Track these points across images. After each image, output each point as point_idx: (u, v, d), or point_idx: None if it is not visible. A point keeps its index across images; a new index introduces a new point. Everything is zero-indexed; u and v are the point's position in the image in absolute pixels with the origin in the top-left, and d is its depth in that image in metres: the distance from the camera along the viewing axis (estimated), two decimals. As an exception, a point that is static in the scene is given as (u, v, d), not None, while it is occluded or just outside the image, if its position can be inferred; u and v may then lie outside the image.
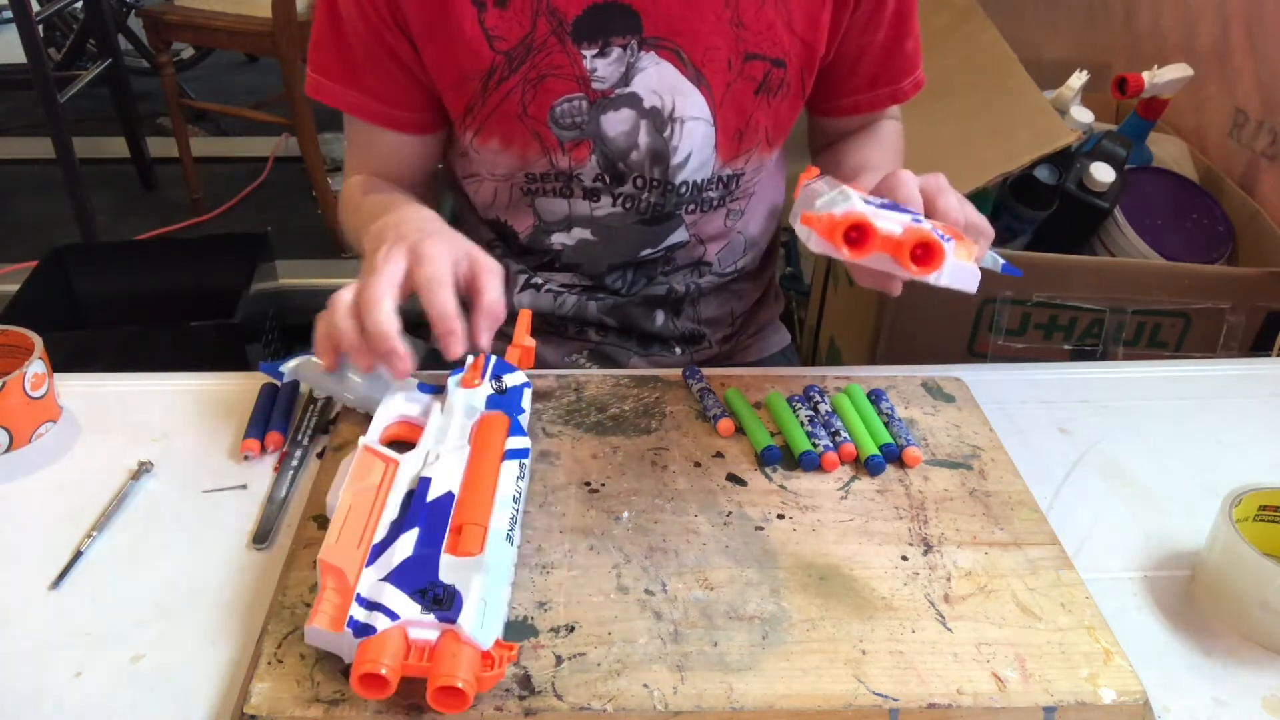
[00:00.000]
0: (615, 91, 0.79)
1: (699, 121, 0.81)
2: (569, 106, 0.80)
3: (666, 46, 0.78)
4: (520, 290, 0.93)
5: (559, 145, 0.81)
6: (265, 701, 0.50)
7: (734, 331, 1.00)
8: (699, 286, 0.94)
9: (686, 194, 0.85)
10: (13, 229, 2.61)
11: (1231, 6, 1.39)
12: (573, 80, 0.79)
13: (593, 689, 0.52)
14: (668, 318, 0.95)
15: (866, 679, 0.53)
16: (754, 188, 0.90)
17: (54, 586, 0.60)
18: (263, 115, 2.66)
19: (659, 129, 0.81)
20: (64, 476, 0.69)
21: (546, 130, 0.80)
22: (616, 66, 0.78)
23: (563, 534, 0.62)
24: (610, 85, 0.79)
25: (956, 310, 1.26)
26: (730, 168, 0.85)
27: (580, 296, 0.93)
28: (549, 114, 0.80)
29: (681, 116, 0.81)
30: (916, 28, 0.86)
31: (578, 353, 0.96)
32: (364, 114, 0.83)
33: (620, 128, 0.81)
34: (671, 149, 0.82)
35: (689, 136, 0.82)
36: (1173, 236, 1.29)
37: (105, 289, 1.89)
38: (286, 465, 0.70)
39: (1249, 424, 0.79)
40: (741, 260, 0.95)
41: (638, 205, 0.85)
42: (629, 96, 0.80)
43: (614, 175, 0.84)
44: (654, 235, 0.88)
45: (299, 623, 0.55)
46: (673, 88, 0.80)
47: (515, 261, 0.93)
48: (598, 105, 0.80)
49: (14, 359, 0.73)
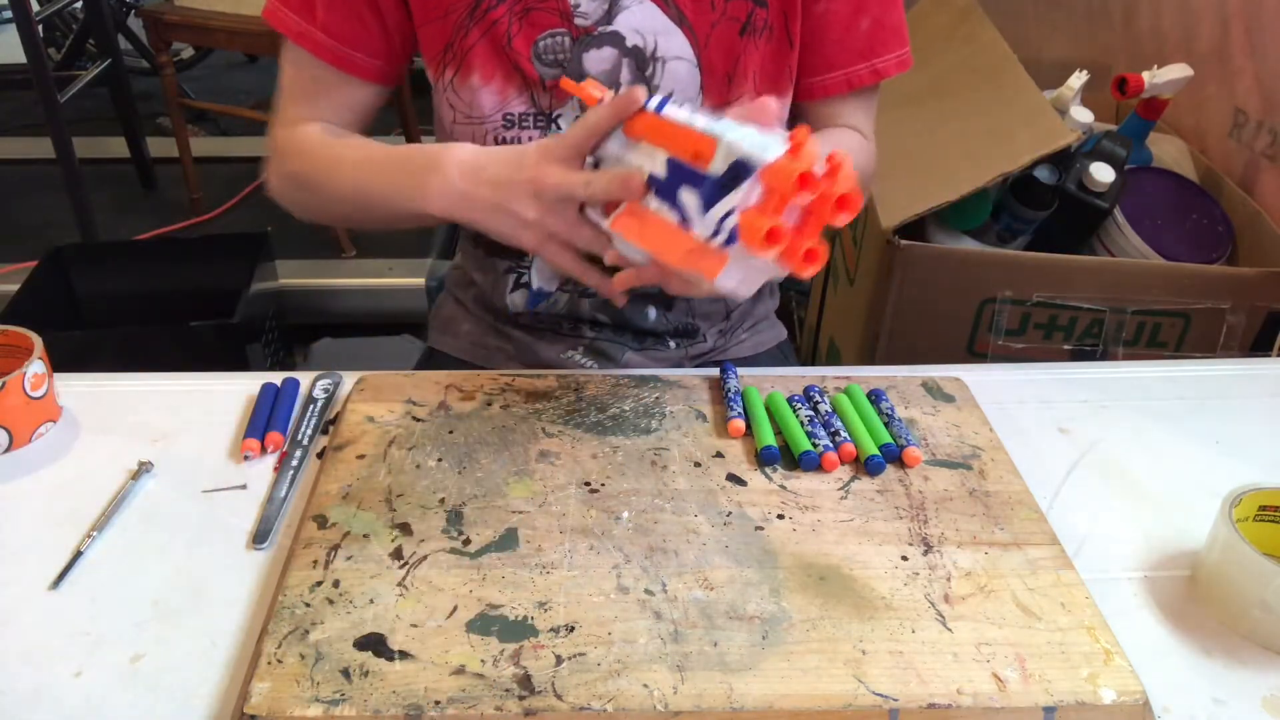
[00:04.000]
0: (598, 29, 0.80)
1: (681, 61, 0.82)
2: (552, 42, 0.81)
3: None
4: (512, 290, 0.93)
5: (540, 82, 0.82)
6: (265, 701, 0.50)
7: (729, 326, 1.00)
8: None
9: None
10: (13, 229, 2.61)
11: (1231, 6, 1.39)
12: (556, 14, 0.80)
13: (593, 689, 0.52)
14: (660, 312, 0.95)
15: (866, 679, 0.53)
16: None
17: (54, 586, 0.60)
18: (263, 115, 2.65)
19: (640, 68, 0.82)
20: (64, 476, 0.69)
21: (529, 66, 0.81)
22: (600, 4, 0.80)
23: (563, 534, 0.62)
24: (593, 22, 0.80)
25: (956, 310, 1.26)
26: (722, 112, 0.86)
27: (572, 294, 0.93)
28: (532, 48, 0.81)
29: (664, 56, 0.82)
30: (885, 9, 0.84)
31: (573, 349, 0.96)
32: (320, 51, 0.82)
33: (602, 66, 0.82)
34: (654, 89, 0.83)
35: (671, 76, 0.82)
36: (1173, 236, 1.29)
37: (105, 289, 1.89)
38: (286, 465, 0.70)
39: (1249, 424, 0.79)
40: None
41: None
42: (611, 35, 0.81)
43: None
44: None
45: (299, 623, 0.55)
46: (655, 28, 0.81)
47: (503, 258, 0.93)
48: (580, 42, 0.81)
49: (14, 359, 0.73)
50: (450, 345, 1.00)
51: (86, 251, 1.99)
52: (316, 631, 0.55)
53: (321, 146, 0.82)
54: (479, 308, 0.99)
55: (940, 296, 1.23)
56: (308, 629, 0.55)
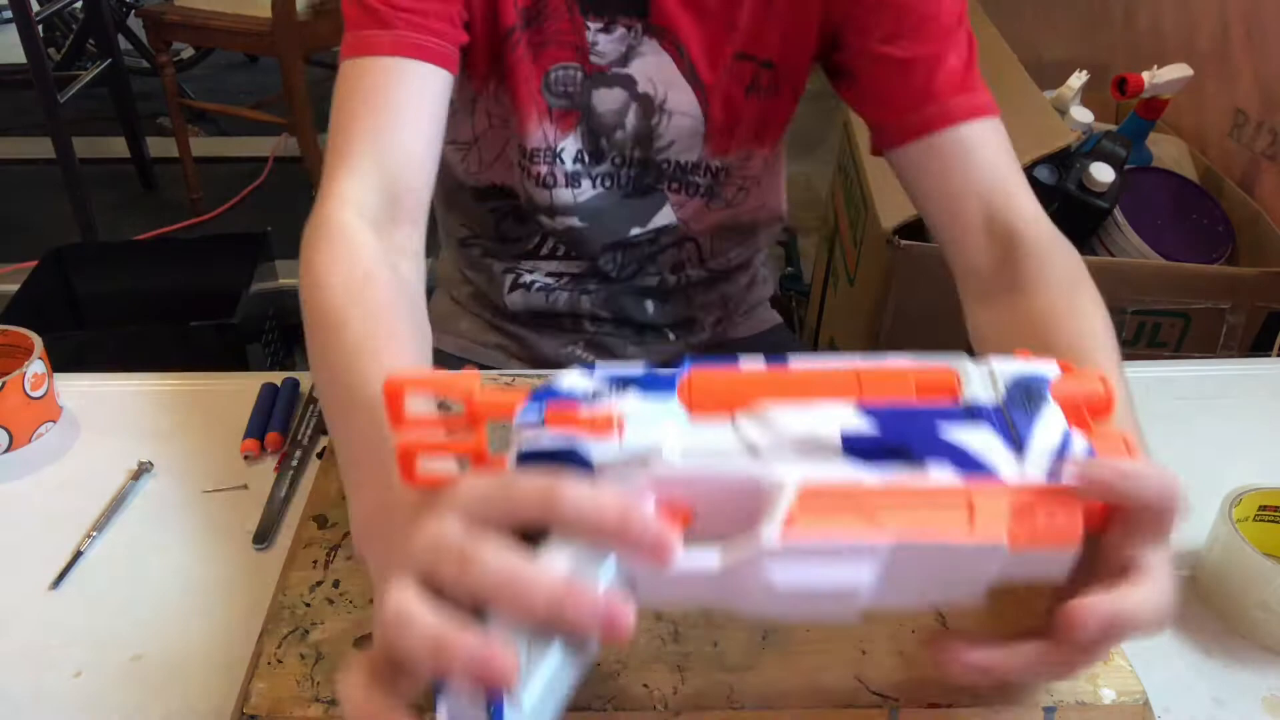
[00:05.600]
0: (612, 69, 0.80)
1: (686, 117, 0.82)
2: (563, 74, 0.80)
3: (669, 39, 0.78)
4: (510, 291, 0.93)
5: (549, 112, 0.81)
6: (265, 701, 0.50)
7: (725, 314, 1.00)
8: (688, 278, 0.94)
9: (669, 170, 0.86)
10: (13, 229, 2.61)
11: (1231, 6, 1.39)
12: (572, 49, 0.79)
13: (593, 689, 0.52)
14: (658, 306, 0.95)
15: (866, 679, 0.53)
16: (746, 181, 0.89)
17: (54, 586, 0.60)
18: (262, 115, 2.67)
19: (647, 115, 0.82)
20: (64, 476, 0.69)
21: (540, 96, 0.81)
22: (618, 45, 0.79)
23: (563, 534, 0.62)
24: (608, 62, 0.80)
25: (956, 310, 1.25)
26: (719, 160, 0.86)
27: (572, 292, 0.93)
28: (543, 78, 0.80)
29: (672, 110, 0.82)
30: (947, 46, 0.74)
31: (574, 344, 0.96)
32: (400, 48, 0.69)
33: (610, 105, 0.81)
34: (657, 135, 0.83)
35: (676, 128, 0.83)
36: (1173, 236, 1.29)
37: (105, 289, 1.89)
38: (286, 465, 0.70)
39: (1249, 424, 0.79)
40: (733, 251, 0.95)
41: (618, 180, 0.86)
42: (624, 77, 0.80)
43: (594, 152, 0.84)
44: (640, 211, 0.88)
45: (299, 623, 0.55)
46: (667, 80, 0.80)
47: (499, 260, 0.92)
48: (592, 79, 0.80)
49: (14, 359, 0.73)
50: (450, 344, 1.00)
51: (86, 251, 1.98)
52: (316, 631, 0.55)
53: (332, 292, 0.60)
54: (476, 304, 0.99)
55: (940, 296, 1.23)
56: (308, 629, 0.55)
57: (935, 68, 0.73)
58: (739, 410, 0.42)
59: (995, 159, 0.73)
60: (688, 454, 0.40)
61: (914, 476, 0.40)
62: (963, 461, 0.40)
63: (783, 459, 0.40)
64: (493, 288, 0.94)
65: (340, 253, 0.62)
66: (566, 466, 0.39)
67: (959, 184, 0.72)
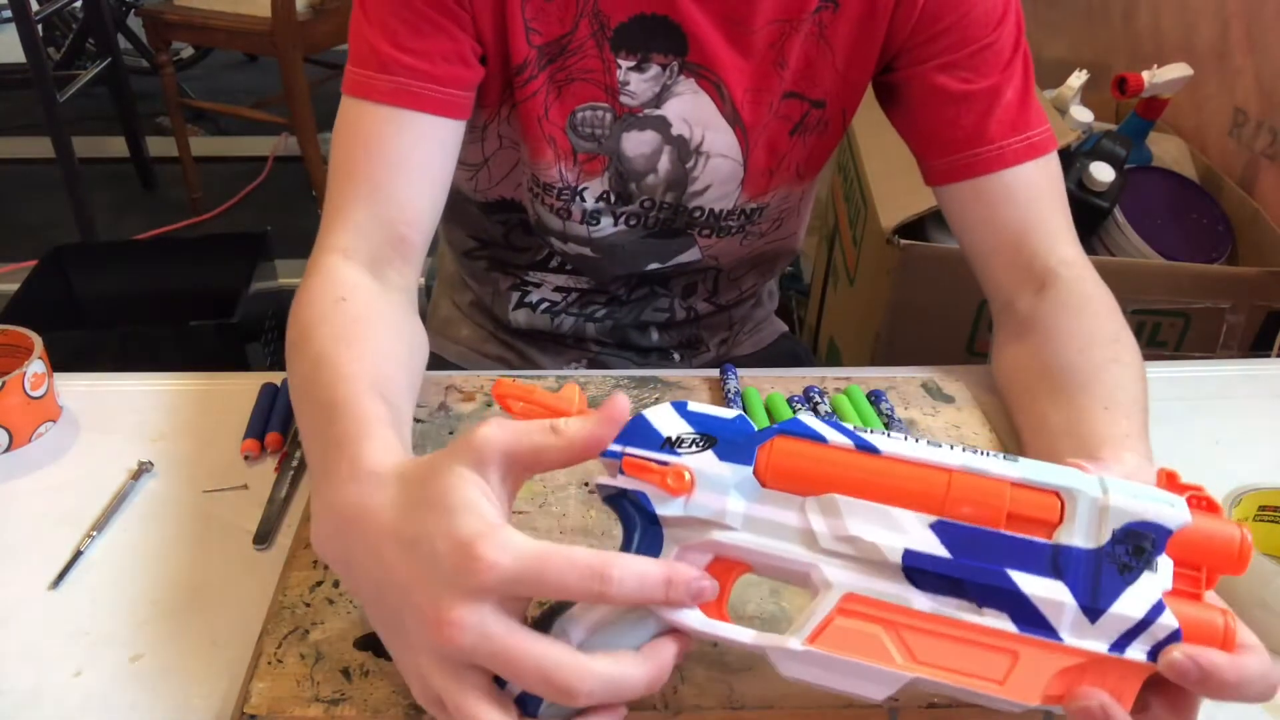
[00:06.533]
0: (644, 111, 0.75)
1: (726, 159, 0.78)
2: (590, 115, 0.75)
3: (708, 78, 0.74)
4: (515, 308, 0.91)
5: (572, 154, 0.77)
6: (265, 701, 0.50)
7: (731, 334, 0.99)
8: (696, 311, 0.92)
9: (701, 218, 0.81)
10: (13, 229, 2.61)
11: (1231, 6, 1.39)
12: (600, 89, 0.74)
13: (593, 689, 0.52)
14: (663, 333, 0.94)
15: (866, 679, 0.53)
16: (783, 214, 0.86)
17: (54, 586, 0.60)
18: (262, 115, 2.66)
19: (682, 159, 0.77)
20: (64, 476, 0.69)
21: (563, 136, 0.76)
22: (651, 85, 0.74)
23: (563, 534, 0.62)
24: (640, 103, 0.75)
25: (956, 310, 1.26)
26: (755, 202, 0.82)
27: (577, 318, 0.91)
28: (568, 119, 0.75)
29: (709, 152, 0.77)
30: (1006, 78, 0.72)
31: (576, 362, 0.95)
32: (399, 98, 0.67)
33: (641, 149, 0.77)
34: (691, 179, 0.78)
35: (713, 171, 0.78)
36: (1172, 236, 1.29)
37: (105, 289, 1.89)
38: (287, 465, 0.70)
39: (1249, 424, 0.79)
40: (748, 283, 0.93)
41: (645, 221, 0.82)
42: (657, 119, 0.75)
43: (622, 195, 0.80)
44: (663, 250, 0.84)
45: (299, 623, 0.55)
46: (705, 120, 0.75)
47: (505, 274, 0.90)
48: (622, 121, 0.75)
49: (14, 359, 0.73)
50: (451, 351, 0.98)
51: (86, 251, 1.98)
52: (316, 631, 0.55)
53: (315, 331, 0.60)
54: (478, 314, 0.97)
55: (940, 296, 1.23)
56: (308, 629, 0.55)
57: (992, 105, 0.71)
58: (810, 494, 0.42)
59: (1041, 201, 0.72)
60: (749, 523, 0.42)
61: (964, 611, 0.40)
62: (1023, 616, 0.39)
63: (838, 558, 0.41)
64: (497, 302, 0.92)
65: (326, 286, 0.63)
66: (635, 508, 0.43)
67: (1002, 224, 0.72)
